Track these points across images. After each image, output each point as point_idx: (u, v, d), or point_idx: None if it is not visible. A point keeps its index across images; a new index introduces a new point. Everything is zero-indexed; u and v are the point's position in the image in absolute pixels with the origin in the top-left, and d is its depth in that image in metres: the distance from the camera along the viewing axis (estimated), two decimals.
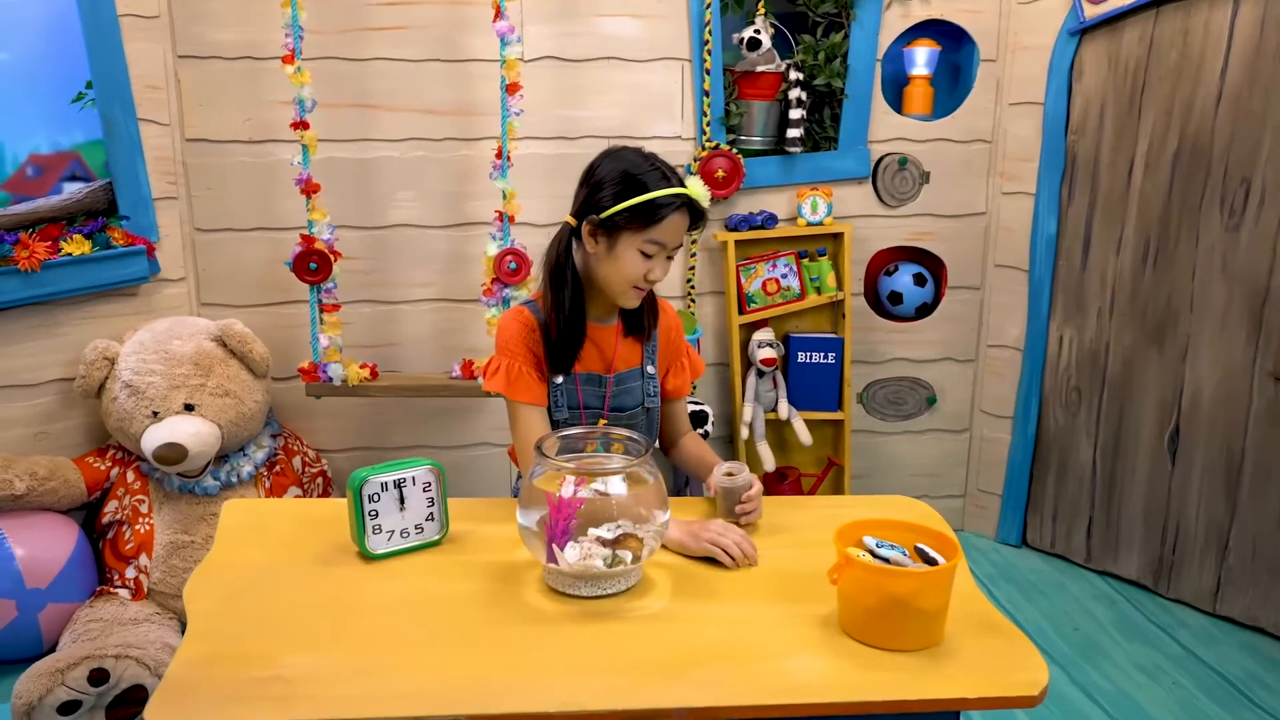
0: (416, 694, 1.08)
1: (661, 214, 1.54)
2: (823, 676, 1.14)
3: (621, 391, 1.69)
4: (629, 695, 1.09)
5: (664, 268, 1.59)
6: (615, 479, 1.30)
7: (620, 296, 1.62)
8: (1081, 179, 2.75)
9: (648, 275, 1.58)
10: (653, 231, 1.55)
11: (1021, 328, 2.92)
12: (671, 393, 1.80)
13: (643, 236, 1.55)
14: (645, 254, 1.57)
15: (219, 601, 1.26)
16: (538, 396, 1.64)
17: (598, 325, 1.68)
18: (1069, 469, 2.88)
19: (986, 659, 1.18)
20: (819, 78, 2.75)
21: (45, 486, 2.33)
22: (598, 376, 1.68)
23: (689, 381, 1.82)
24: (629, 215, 1.55)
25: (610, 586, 1.32)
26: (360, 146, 2.68)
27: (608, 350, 1.69)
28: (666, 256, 1.60)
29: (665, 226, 1.55)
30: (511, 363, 1.64)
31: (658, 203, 1.54)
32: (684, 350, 1.81)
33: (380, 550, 1.40)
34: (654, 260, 1.57)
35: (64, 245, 2.42)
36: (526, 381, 1.63)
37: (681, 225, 1.58)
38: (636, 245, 1.56)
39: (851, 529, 1.26)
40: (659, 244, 1.56)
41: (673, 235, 1.57)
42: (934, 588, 1.18)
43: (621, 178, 1.56)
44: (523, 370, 1.63)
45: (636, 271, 1.57)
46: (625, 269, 1.57)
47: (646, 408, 1.73)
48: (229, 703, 1.05)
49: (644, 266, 1.57)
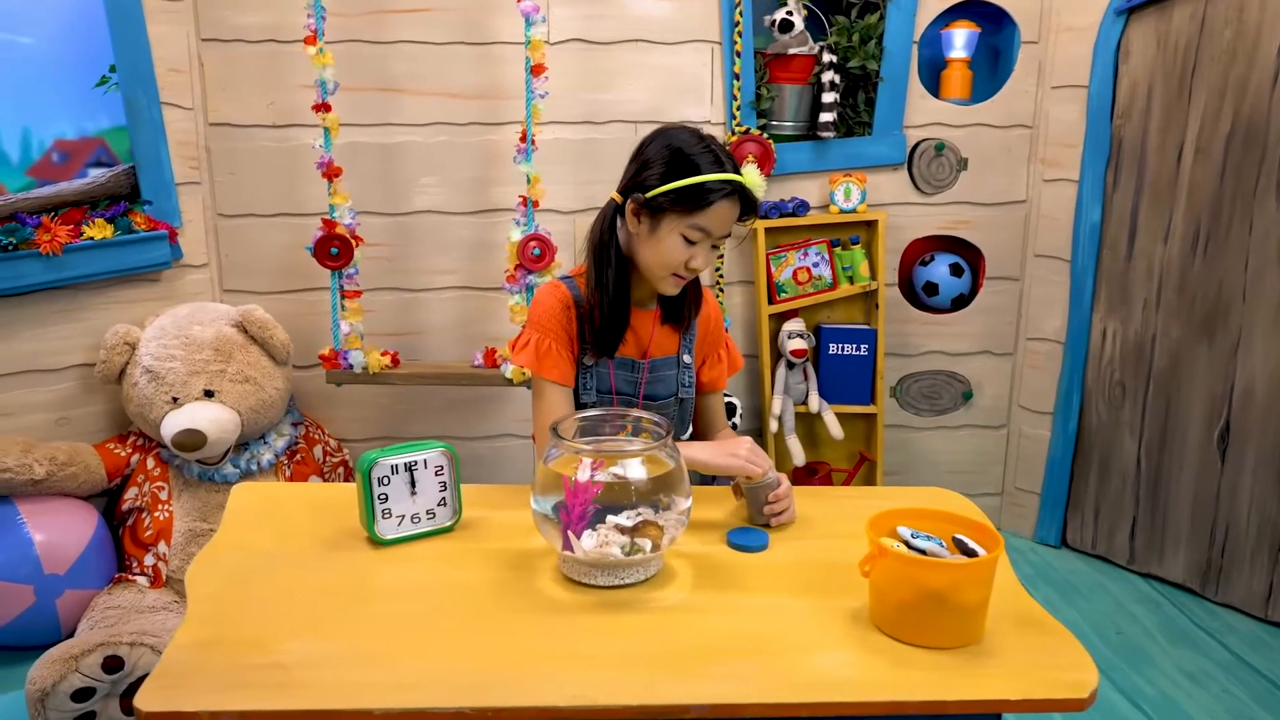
0: (419, 684, 1.02)
1: (709, 199, 1.46)
2: (853, 673, 1.07)
3: (655, 379, 1.63)
4: (646, 690, 1.02)
5: (707, 257, 1.51)
6: (634, 463, 1.24)
7: (659, 282, 1.55)
8: (1127, 165, 2.64)
9: (689, 263, 1.50)
10: (698, 217, 1.47)
11: (1063, 320, 2.82)
12: (707, 385, 1.73)
13: (687, 221, 1.47)
14: (688, 239, 1.49)
15: (221, 585, 1.21)
16: (565, 376, 1.57)
17: (637, 309, 1.62)
18: (1112, 467, 2.77)
19: (1030, 658, 1.10)
20: (853, 60, 2.67)
21: (65, 472, 2.31)
22: (630, 361, 1.62)
23: (725, 374, 1.75)
24: (675, 197, 1.47)
25: (628, 576, 1.25)
26: (383, 131, 2.64)
27: (644, 335, 1.62)
28: (712, 246, 1.52)
29: (712, 213, 1.47)
30: (542, 338, 1.57)
31: (706, 187, 1.46)
32: (723, 342, 1.74)
33: (390, 536, 1.35)
34: (697, 248, 1.50)
35: (86, 229, 2.40)
36: (555, 359, 1.56)
37: (730, 214, 1.49)
38: (679, 229, 1.48)
39: (885, 518, 1.19)
40: (704, 230, 1.48)
41: (719, 223, 1.48)
42: (973, 581, 1.10)
43: (671, 157, 1.48)
44: (553, 347, 1.57)
45: (677, 258, 1.50)
46: (666, 254, 1.50)
47: (680, 398, 1.67)
48: (223, 689, 0.99)
49: (686, 253, 1.50)
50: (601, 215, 1.59)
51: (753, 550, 1.36)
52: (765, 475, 1.45)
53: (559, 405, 1.56)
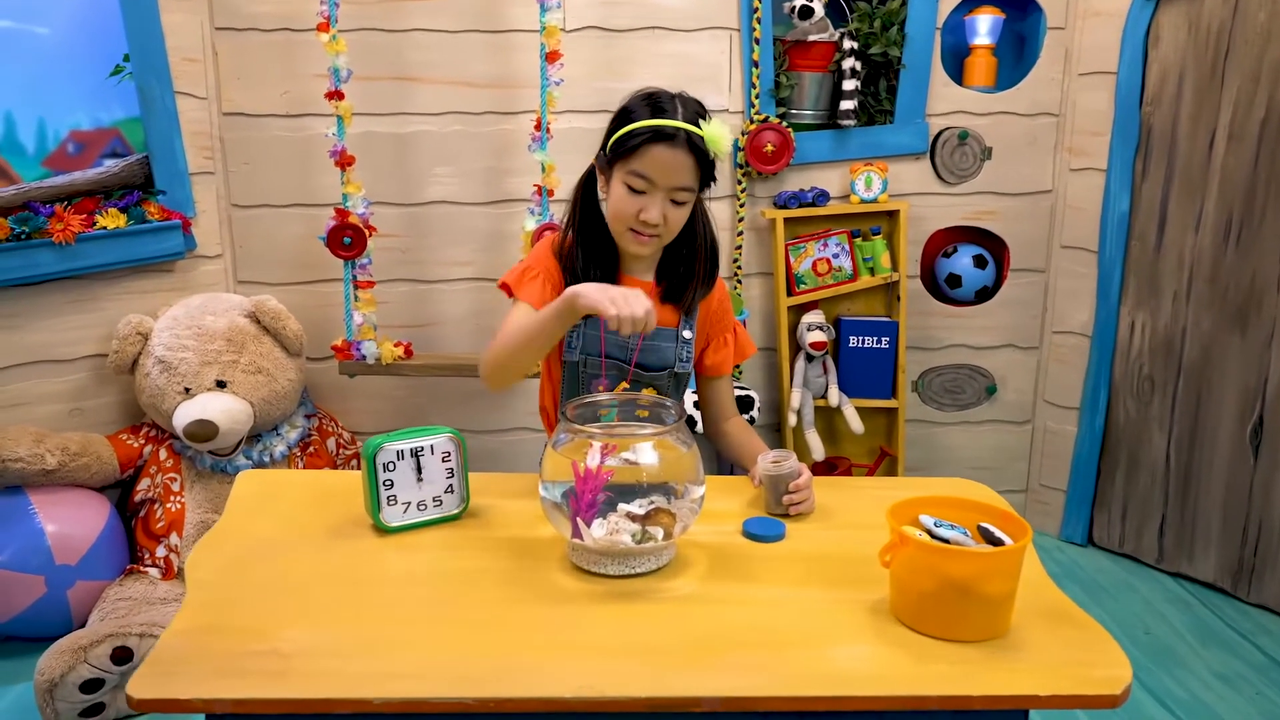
0: (421, 674, 0.98)
1: (639, 143, 1.41)
2: (872, 667, 1.02)
3: (649, 348, 1.58)
4: (655, 682, 0.98)
5: (660, 210, 1.44)
6: (646, 448, 1.19)
7: (619, 239, 1.51)
8: (1157, 153, 2.57)
9: (640, 214, 1.44)
10: (632, 162, 1.43)
11: (1090, 313, 2.75)
12: (709, 369, 1.68)
13: (626, 168, 1.44)
14: (631, 189, 1.44)
15: (220, 571, 1.18)
16: (541, 303, 1.50)
17: (629, 277, 1.57)
18: (1140, 463, 2.70)
19: (1059, 652, 1.05)
20: (874, 47, 2.62)
21: (77, 462, 2.30)
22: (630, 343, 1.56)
23: (730, 360, 1.69)
24: (614, 147, 1.45)
25: (639, 565, 1.21)
26: (398, 120, 2.61)
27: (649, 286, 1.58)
28: (671, 201, 1.45)
29: (645, 159, 1.42)
30: (532, 265, 1.55)
31: (636, 132, 1.42)
32: (730, 327, 1.69)
33: (395, 523, 1.31)
34: (645, 198, 1.44)
35: (99, 219, 2.39)
36: (539, 289, 1.52)
37: (671, 161, 1.42)
38: (622, 177, 1.45)
39: (906, 506, 1.14)
40: (641, 176, 1.43)
41: (657, 170, 1.42)
42: (1000, 571, 1.05)
43: (626, 109, 1.48)
44: (540, 276, 1.54)
45: (626, 208, 1.45)
46: (615, 205, 1.47)
47: (675, 372, 1.61)
48: (218, 676, 0.96)
49: (633, 204, 1.44)
50: (579, 180, 1.57)
51: (769, 540, 1.32)
52: (784, 465, 1.40)
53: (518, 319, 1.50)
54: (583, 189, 1.56)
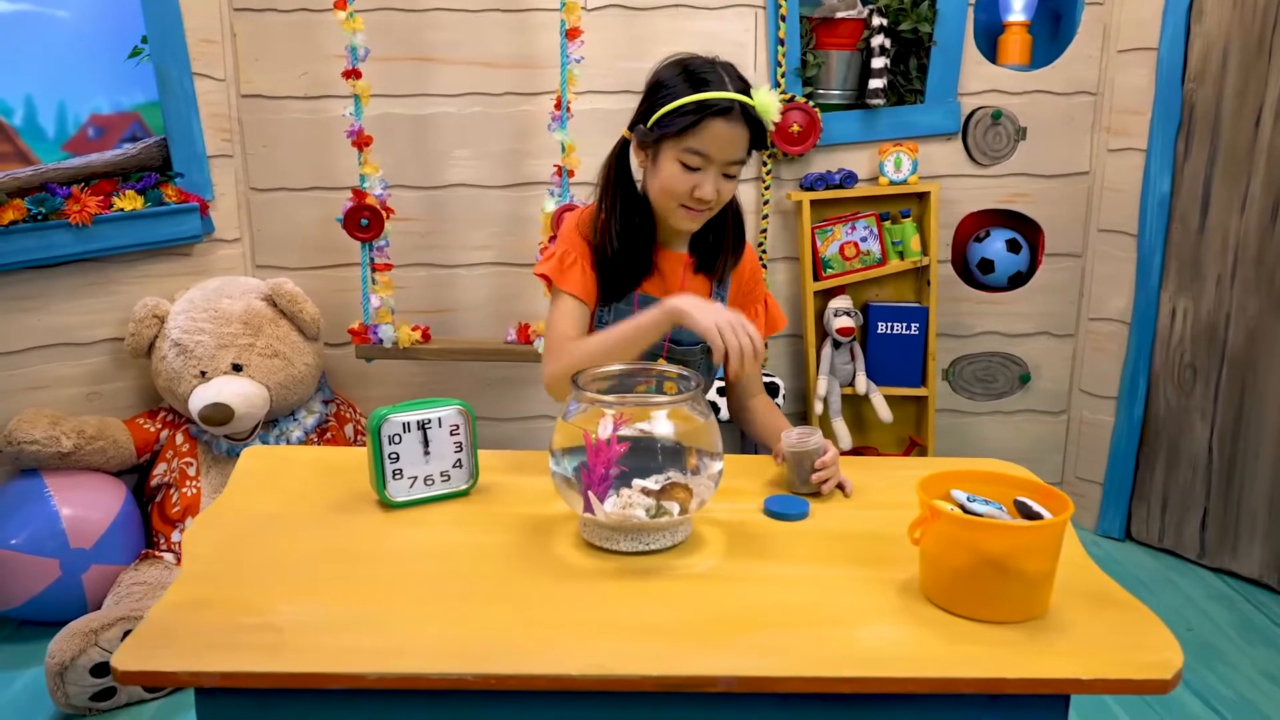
0: (420, 649, 0.93)
1: (697, 119, 1.35)
2: (900, 647, 0.96)
3: None
4: (668, 660, 0.92)
5: (715, 185, 1.40)
6: (661, 419, 1.13)
7: (669, 215, 1.45)
8: (1200, 132, 2.47)
9: (694, 192, 1.40)
10: (689, 139, 1.37)
11: (1128, 299, 2.65)
12: None
13: (680, 145, 1.38)
14: (686, 166, 1.39)
15: (218, 546, 1.13)
16: (586, 291, 1.49)
17: (664, 249, 1.53)
18: (1181, 455, 2.60)
19: (1102, 635, 0.97)
20: (904, 24, 2.54)
21: (93, 446, 2.28)
22: (655, 300, 1.50)
23: (761, 330, 1.62)
24: (665, 122, 1.38)
25: (653, 541, 1.15)
26: (417, 102, 2.57)
27: (672, 276, 1.53)
28: (724, 175, 1.41)
29: (703, 134, 1.36)
30: (568, 250, 1.50)
31: (691, 107, 1.36)
32: (761, 297, 1.64)
33: (400, 498, 1.26)
34: (701, 175, 1.39)
35: (116, 201, 2.37)
36: (579, 274, 1.48)
37: (728, 135, 1.37)
38: (674, 155, 1.39)
39: (938, 480, 1.07)
40: (698, 153, 1.38)
41: (714, 145, 1.37)
42: (1038, 547, 0.98)
43: (663, 83, 1.41)
44: (578, 260, 1.49)
45: (678, 186, 1.40)
46: (667, 183, 1.41)
47: (707, 346, 1.56)
48: (208, 650, 0.91)
49: (687, 180, 1.39)
50: (611, 155, 1.51)
51: (791, 519, 1.26)
52: (810, 440, 1.33)
53: (575, 319, 1.47)
54: (615, 164, 1.50)
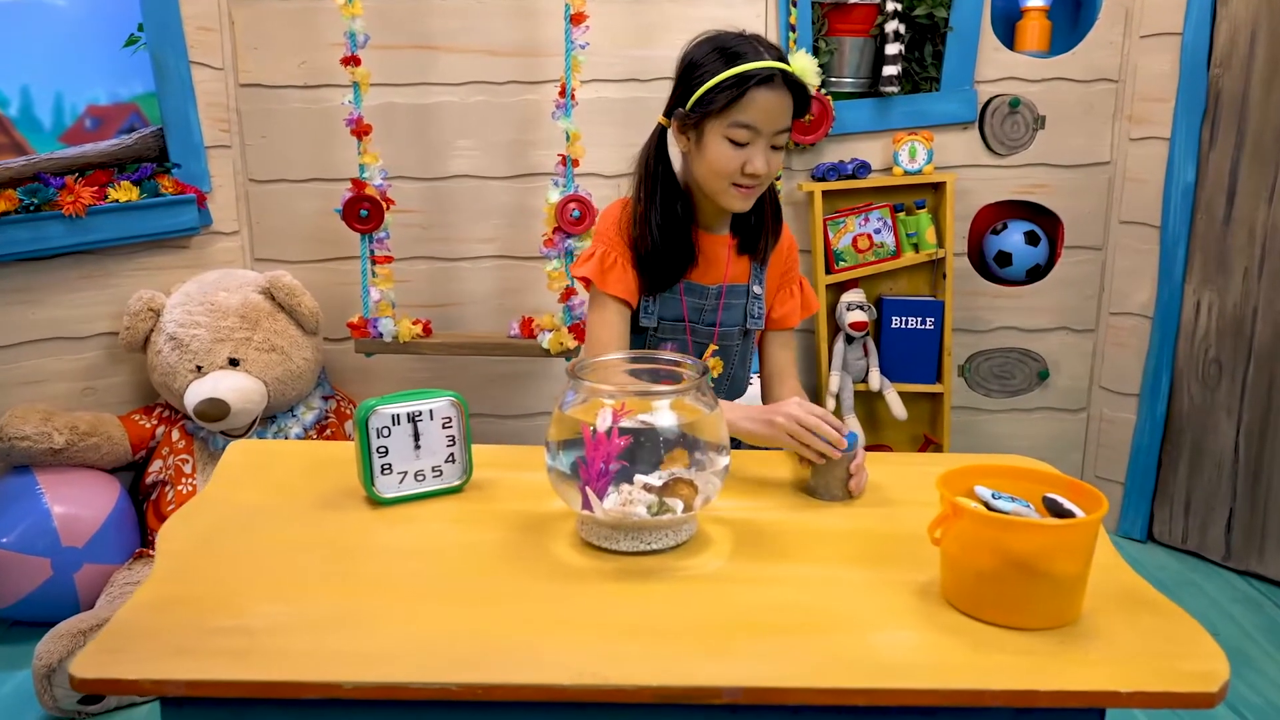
0: (403, 655, 0.86)
1: (741, 91, 1.32)
2: (920, 656, 0.89)
3: (726, 306, 1.51)
4: (668, 669, 0.86)
5: (765, 158, 1.36)
6: (664, 411, 1.07)
7: (721, 197, 1.41)
8: (1226, 119, 2.39)
9: (745, 167, 1.36)
10: (734, 113, 1.34)
11: (1151, 292, 2.57)
12: (775, 322, 1.58)
13: (726, 121, 1.35)
14: (735, 141, 1.35)
15: (195, 542, 1.07)
16: (629, 293, 1.45)
17: (706, 233, 1.49)
18: (1205, 453, 2.52)
19: (1140, 643, 0.90)
20: (919, 9, 2.46)
21: (87, 442, 2.23)
22: (701, 287, 1.49)
23: (797, 312, 1.59)
24: (708, 100, 1.35)
25: (655, 540, 1.08)
26: (419, 91, 2.51)
27: (716, 260, 1.50)
28: (770, 146, 1.37)
29: (748, 106, 1.33)
30: (608, 251, 1.46)
31: (734, 80, 1.33)
32: (797, 278, 1.60)
33: (390, 494, 1.20)
34: (750, 150, 1.36)
35: (111, 192, 2.31)
36: (620, 274, 1.45)
37: (774, 104, 1.34)
38: (721, 132, 1.36)
39: (960, 476, 1.00)
40: (746, 126, 1.34)
41: (761, 116, 1.34)
42: (1070, 547, 0.90)
43: (698, 62, 1.38)
44: (618, 261, 1.45)
45: (728, 164, 1.36)
46: (716, 163, 1.37)
47: (746, 329, 1.54)
48: (174, 655, 0.85)
49: (737, 157, 1.36)
50: (648, 143, 1.48)
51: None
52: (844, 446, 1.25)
53: (616, 325, 1.45)
54: (655, 153, 1.47)
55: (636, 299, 1.48)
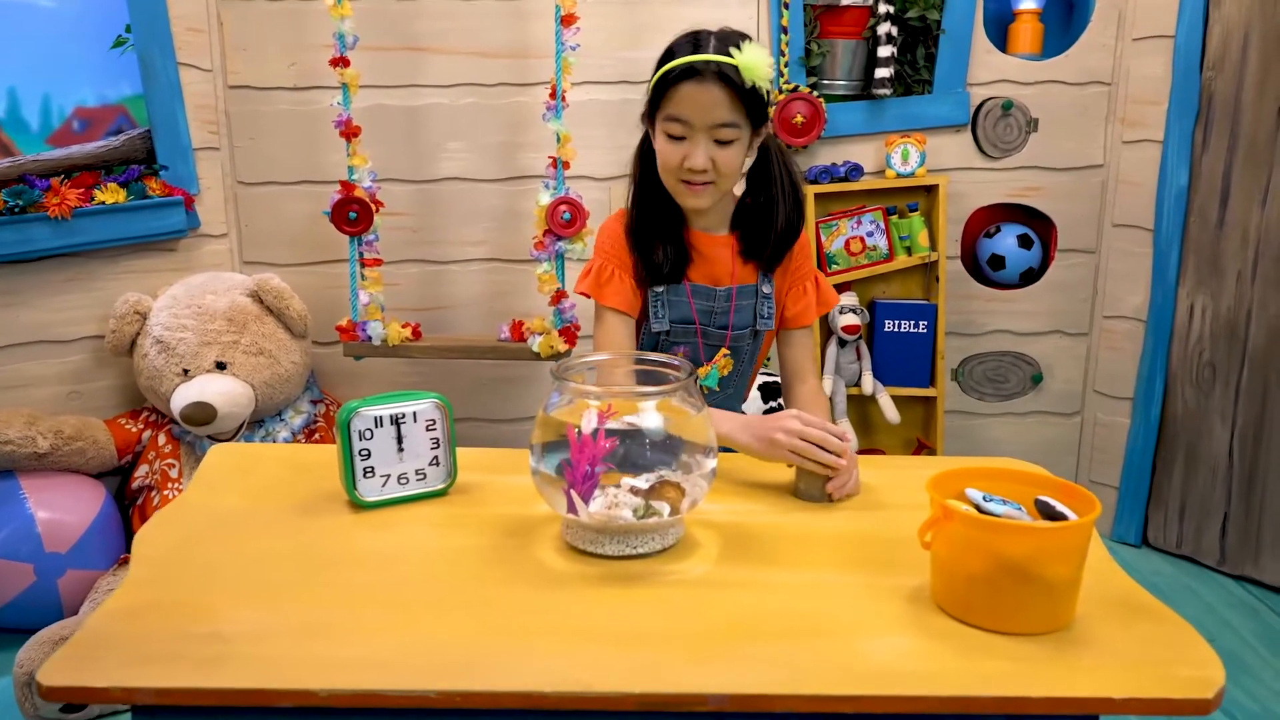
0: (380, 662, 0.84)
1: (668, 85, 1.35)
2: (911, 662, 0.87)
3: (737, 309, 1.50)
4: (654, 675, 0.84)
5: (704, 153, 1.36)
6: (651, 411, 1.05)
7: (676, 194, 1.43)
8: (1219, 122, 2.38)
9: (685, 162, 1.37)
10: (667, 106, 1.36)
11: (1144, 296, 2.56)
12: (789, 320, 1.56)
13: (662, 115, 1.38)
14: (671, 136, 1.37)
15: (171, 547, 1.05)
16: (628, 304, 1.46)
17: (704, 234, 1.49)
18: (1200, 458, 2.51)
19: (1134, 649, 0.88)
20: (911, 11, 2.45)
21: (72, 446, 2.20)
22: (706, 289, 1.49)
23: (812, 309, 1.56)
24: (650, 98, 1.40)
25: (641, 544, 1.06)
26: (408, 93, 2.49)
27: (717, 261, 1.49)
28: (716, 142, 1.36)
29: (677, 98, 1.35)
30: (605, 264, 1.47)
31: (666, 73, 1.35)
32: (810, 274, 1.57)
33: (372, 498, 1.18)
34: (687, 144, 1.37)
35: (98, 194, 2.29)
36: (618, 285, 1.46)
37: (703, 97, 1.33)
38: (660, 127, 1.39)
39: (950, 478, 0.98)
40: (677, 119, 1.36)
41: (692, 109, 1.34)
42: (1063, 551, 0.89)
43: (658, 62, 1.40)
44: (616, 273, 1.46)
45: (669, 159, 1.39)
46: (660, 158, 1.41)
47: (756, 330, 1.53)
48: (146, 662, 0.83)
49: (676, 151, 1.38)
50: (637, 147, 1.51)
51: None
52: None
53: (619, 335, 1.45)
54: (640, 156, 1.49)
55: (638, 309, 1.49)
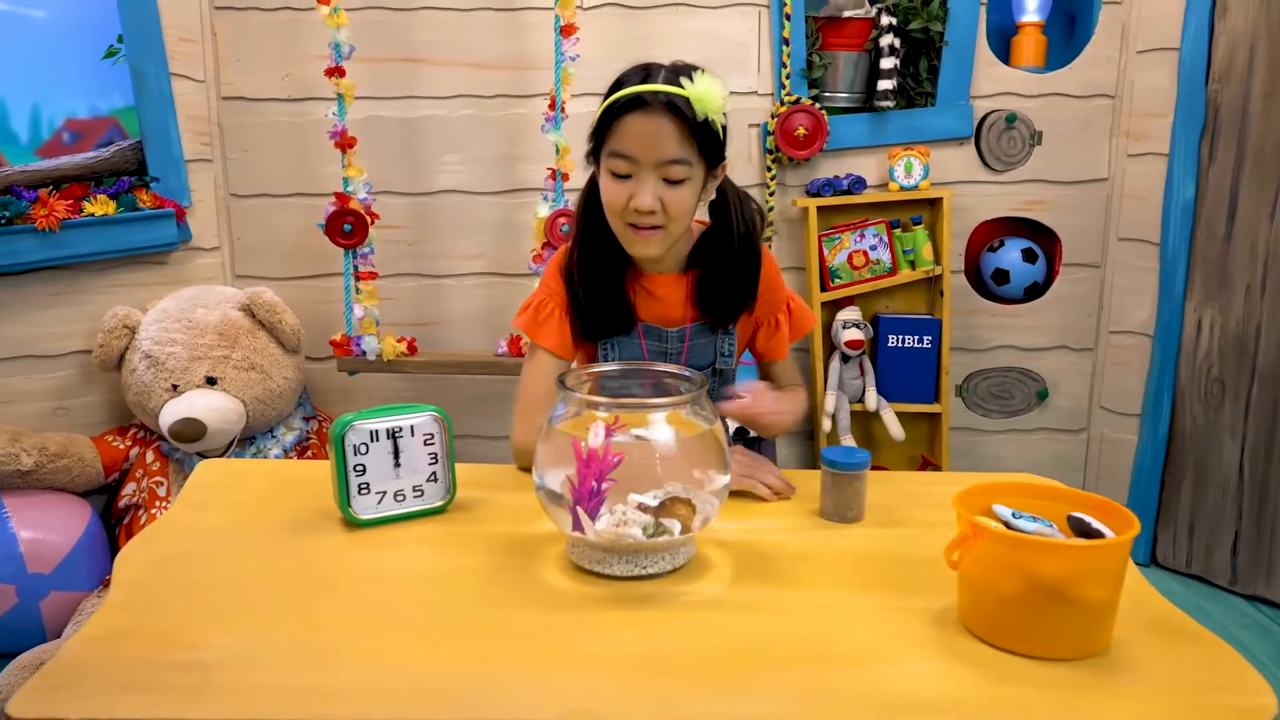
0: (374, 692, 0.79)
1: (611, 118, 1.22)
2: (939, 688, 0.82)
3: (691, 349, 1.40)
4: (664, 705, 0.78)
5: (652, 192, 1.22)
6: (661, 424, 1.00)
7: (623, 240, 1.30)
8: (1226, 134, 2.35)
9: (630, 203, 1.24)
10: (611, 141, 1.23)
11: (1151, 310, 2.52)
12: (762, 354, 1.49)
13: (605, 153, 1.25)
14: (615, 174, 1.24)
15: (152, 569, 0.99)
16: (561, 346, 1.36)
17: (655, 274, 1.38)
18: (1210, 475, 2.46)
19: (1178, 675, 0.83)
20: (914, 23, 2.43)
21: (57, 464, 2.14)
22: (659, 330, 1.39)
23: (785, 342, 1.46)
24: (594, 135, 1.27)
25: (651, 564, 1.01)
26: (405, 105, 2.46)
27: (669, 301, 1.38)
28: (665, 180, 1.23)
29: (621, 131, 1.21)
30: (545, 300, 1.37)
31: (610, 104, 1.22)
32: (782, 304, 1.45)
33: (367, 516, 1.12)
34: (633, 182, 1.23)
35: (86, 206, 2.24)
36: (556, 326, 1.36)
37: (649, 130, 1.20)
38: (605, 167, 1.26)
39: (977, 494, 0.93)
40: (621, 155, 1.22)
41: (638, 144, 1.21)
42: (1102, 570, 0.84)
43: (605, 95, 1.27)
44: (556, 312, 1.36)
45: (614, 199, 1.26)
46: (605, 199, 1.27)
47: (717, 368, 1.43)
48: (121, 692, 0.77)
49: (621, 191, 1.24)
50: (585, 184, 1.38)
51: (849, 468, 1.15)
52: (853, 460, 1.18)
53: (545, 378, 1.34)
54: (585, 198, 1.37)
55: (572, 352, 1.39)
